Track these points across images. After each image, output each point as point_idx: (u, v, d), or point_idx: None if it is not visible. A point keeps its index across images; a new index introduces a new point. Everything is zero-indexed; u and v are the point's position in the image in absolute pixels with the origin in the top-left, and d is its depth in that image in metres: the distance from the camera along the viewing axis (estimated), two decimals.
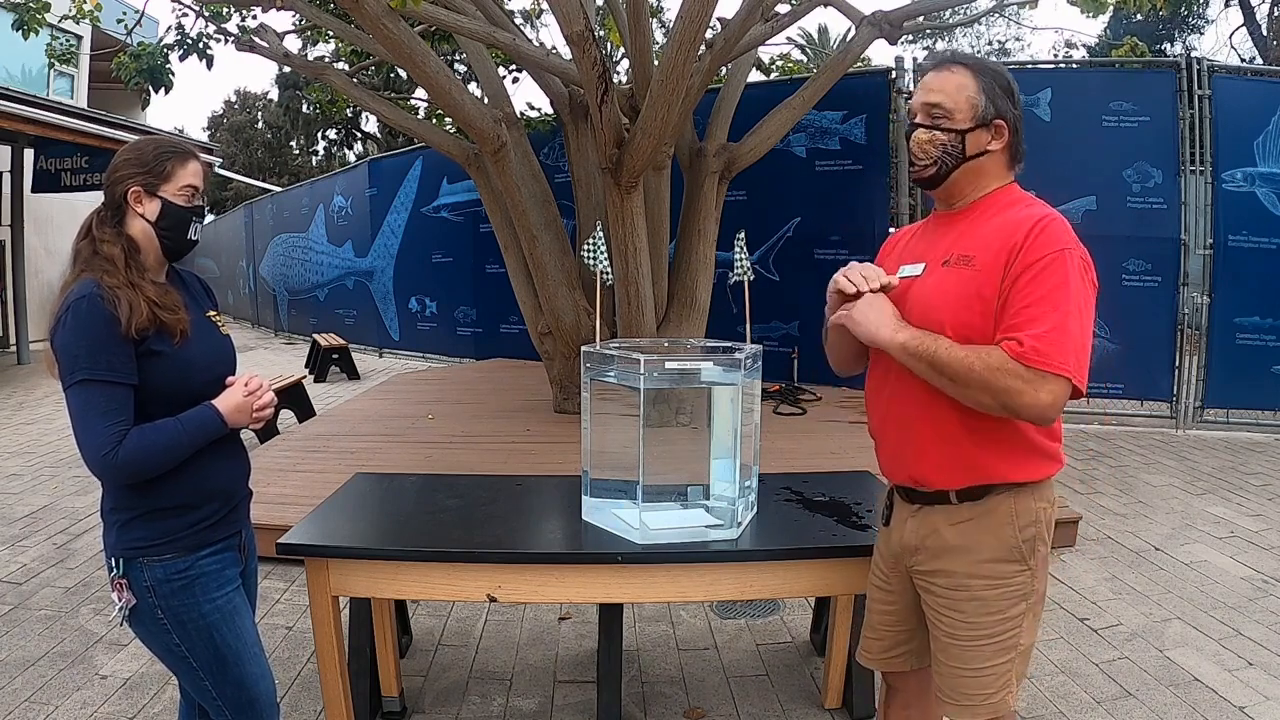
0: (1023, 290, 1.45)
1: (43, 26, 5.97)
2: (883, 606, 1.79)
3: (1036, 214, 1.52)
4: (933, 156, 1.60)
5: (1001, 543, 1.56)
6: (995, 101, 1.57)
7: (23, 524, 4.49)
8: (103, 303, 1.52)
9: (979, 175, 1.61)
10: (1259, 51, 17.12)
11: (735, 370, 2.14)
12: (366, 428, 5.96)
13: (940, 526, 1.60)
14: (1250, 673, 2.82)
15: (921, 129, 1.60)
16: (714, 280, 6.00)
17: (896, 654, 1.78)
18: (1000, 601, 1.56)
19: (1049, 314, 1.42)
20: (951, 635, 1.60)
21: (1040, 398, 1.41)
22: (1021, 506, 1.56)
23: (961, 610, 1.58)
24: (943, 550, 1.60)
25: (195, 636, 1.65)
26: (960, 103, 1.57)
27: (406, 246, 11.01)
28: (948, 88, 1.58)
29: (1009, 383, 1.42)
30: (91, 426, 1.51)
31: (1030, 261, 1.46)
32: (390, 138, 25.08)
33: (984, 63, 1.62)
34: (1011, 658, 1.57)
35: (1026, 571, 1.56)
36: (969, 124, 1.57)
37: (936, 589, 1.62)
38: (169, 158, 1.66)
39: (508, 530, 2.31)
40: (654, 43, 6.15)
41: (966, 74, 1.58)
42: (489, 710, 2.67)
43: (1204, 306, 6.46)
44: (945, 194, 1.65)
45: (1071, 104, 6.55)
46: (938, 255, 1.60)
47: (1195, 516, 4.45)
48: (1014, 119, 1.59)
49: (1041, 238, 1.47)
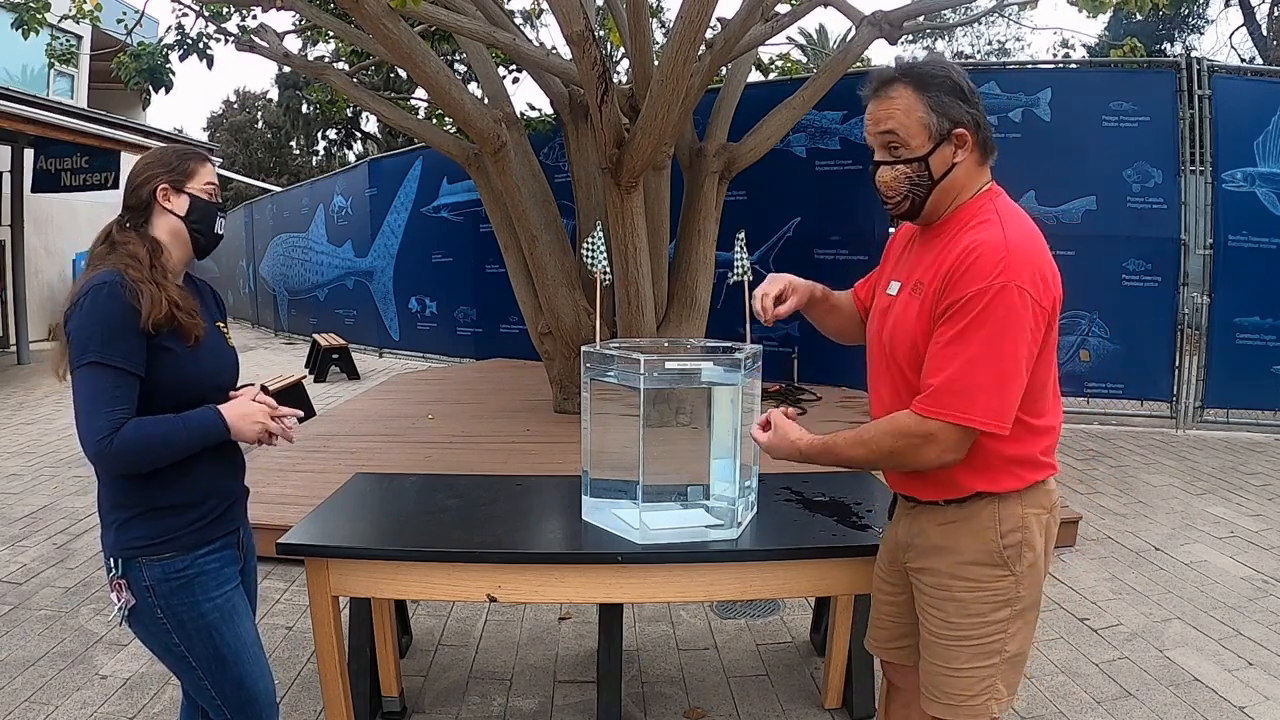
0: (939, 330, 1.47)
1: (43, 26, 5.97)
2: (886, 599, 1.80)
3: (974, 241, 1.46)
4: (902, 192, 1.55)
5: (982, 546, 1.55)
6: (948, 112, 1.49)
7: (23, 524, 4.49)
8: (123, 291, 1.54)
9: (953, 191, 1.55)
10: (1259, 51, 17.13)
11: (735, 370, 2.14)
12: (366, 428, 5.96)
13: (928, 526, 1.62)
14: (1250, 673, 2.82)
15: (884, 167, 1.55)
16: (714, 280, 6.00)
17: (900, 645, 1.79)
18: (979, 605, 1.55)
19: (952, 359, 1.44)
20: (933, 633, 1.61)
21: (926, 453, 1.48)
22: (1006, 512, 1.54)
23: (942, 610, 1.58)
24: (929, 549, 1.61)
25: (195, 636, 1.65)
26: (912, 127, 1.50)
27: (406, 246, 11.01)
28: (895, 114, 1.51)
29: (895, 444, 1.51)
30: (93, 410, 1.52)
31: (952, 300, 1.45)
32: (390, 138, 25.09)
33: (925, 71, 1.51)
34: (995, 663, 1.56)
35: (1009, 577, 1.54)
36: (928, 146, 1.51)
37: (923, 586, 1.63)
38: (190, 158, 1.75)
39: (508, 530, 2.31)
40: (654, 43, 6.15)
41: (909, 92, 1.50)
42: (489, 710, 2.67)
43: (1204, 306, 6.46)
44: (925, 218, 1.60)
45: (1071, 104, 6.55)
46: (915, 277, 1.59)
47: (1195, 516, 4.45)
48: (973, 119, 1.51)
49: (966, 275, 1.44)
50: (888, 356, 1.61)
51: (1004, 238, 1.46)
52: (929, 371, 1.48)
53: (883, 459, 1.54)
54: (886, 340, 1.61)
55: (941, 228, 1.58)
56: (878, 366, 1.68)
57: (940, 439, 1.46)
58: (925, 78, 1.51)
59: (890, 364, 1.61)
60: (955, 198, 1.56)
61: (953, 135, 1.51)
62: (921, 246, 1.63)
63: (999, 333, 1.41)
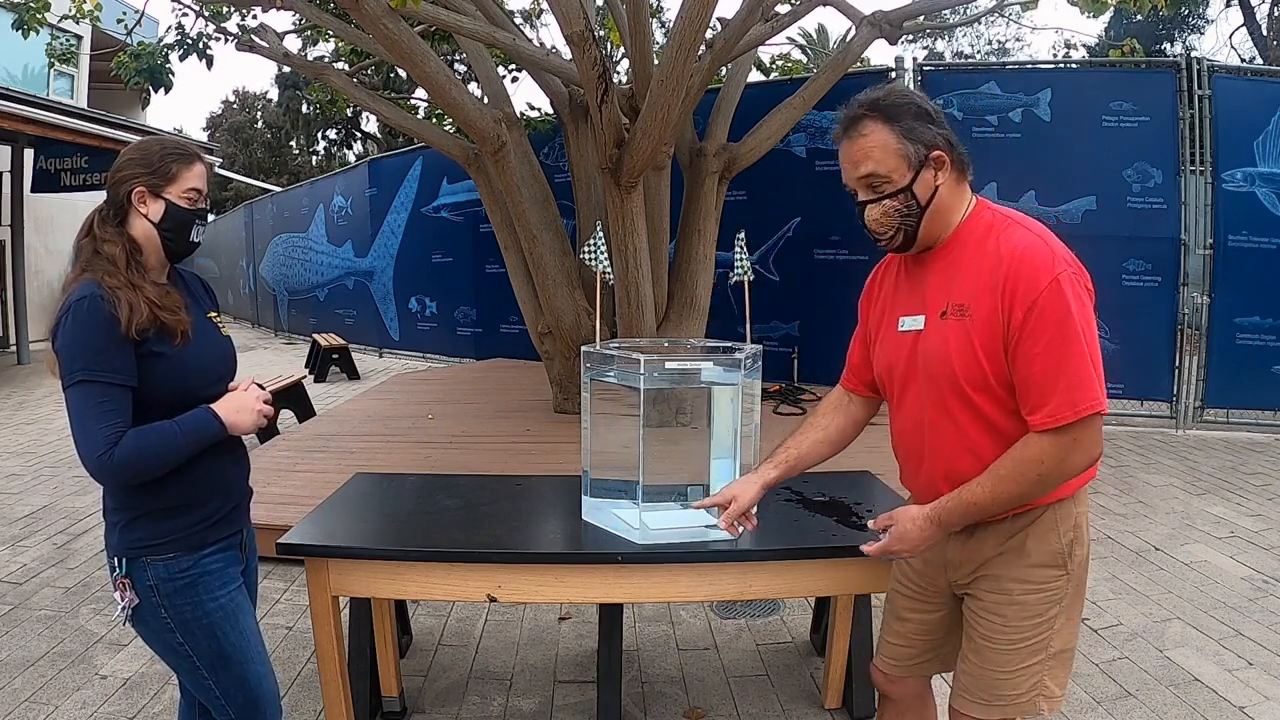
0: (1025, 343, 1.44)
1: (43, 26, 5.97)
2: (917, 617, 1.75)
3: (1012, 244, 1.47)
4: (894, 226, 1.54)
5: (1047, 548, 1.55)
6: (920, 137, 1.50)
7: (23, 524, 4.49)
8: (103, 303, 1.52)
9: (943, 214, 1.55)
10: (1259, 51, 17.14)
11: (735, 370, 2.14)
12: (366, 428, 5.96)
13: (987, 541, 1.60)
14: (1250, 673, 2.82)
15: (871, 205, 1.54)
16: (714, 280, 6.00)
17: (926, 659, 1.77)
18: (1038, 605, 1.55)
19: (1059, 362, 1.42)
20: (987, 638, 1.58)
21: (1076, 458, 1.45)
22: (1063, 513, 1.56)
23: (1002, 614, 1.57)
24: (989, 560, 1.59)
25: (199, 635, 1.65)
26: (890, 161, 1.50)
27: (406, 246, 11.00)
28: (873, 153, 1.51)
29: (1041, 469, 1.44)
30: (89, 427, 1.51)
31: (1025, 308, 1.43)
32: (390, 138, 25.09)
33: (890, 102, 1.52)
34: (1041, 659, 1.56)
35: (1064, 576, 1.56)
36: (909, 176, 1.50)
37: (980, 594, 1.60)
38: (174, 160, 1.66)
39: (508, 530, 2.31)
40: (654, 43, 6.15)
41: (880, 127, 1.50)
42: (489, 710, 2.67)
43: (1204, 306, 6.46)
44: (920, 245, 1.59)
45: (1071, 104, 6.54)
46: (933, 306, 1.56)
47: (1195, 516, 4.45)
48: (945, 139, 1.52)
49: (1025, 280, 1.43)
50: (929, 387, 1.57)
51: (1034, 236, 1.48)
52: (1039, 382, 1.44)
53: (1034, 487, 1.47)
54: (923, 372, 1.57)
55: (949, 249, 1.57)
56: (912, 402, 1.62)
57: (1083, 439, 1.44)
58: (891, 108, 1.51)
59: (934, 393, 1.56)
60: (947, 219, 1.56)
61: (930, 159, 1.51)
62: (927, 273, 1.60)
63: (1077, 320, 1.43)
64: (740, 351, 2.15)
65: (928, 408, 1.58)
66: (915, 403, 1.61)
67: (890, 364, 1.67)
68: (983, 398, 1.51)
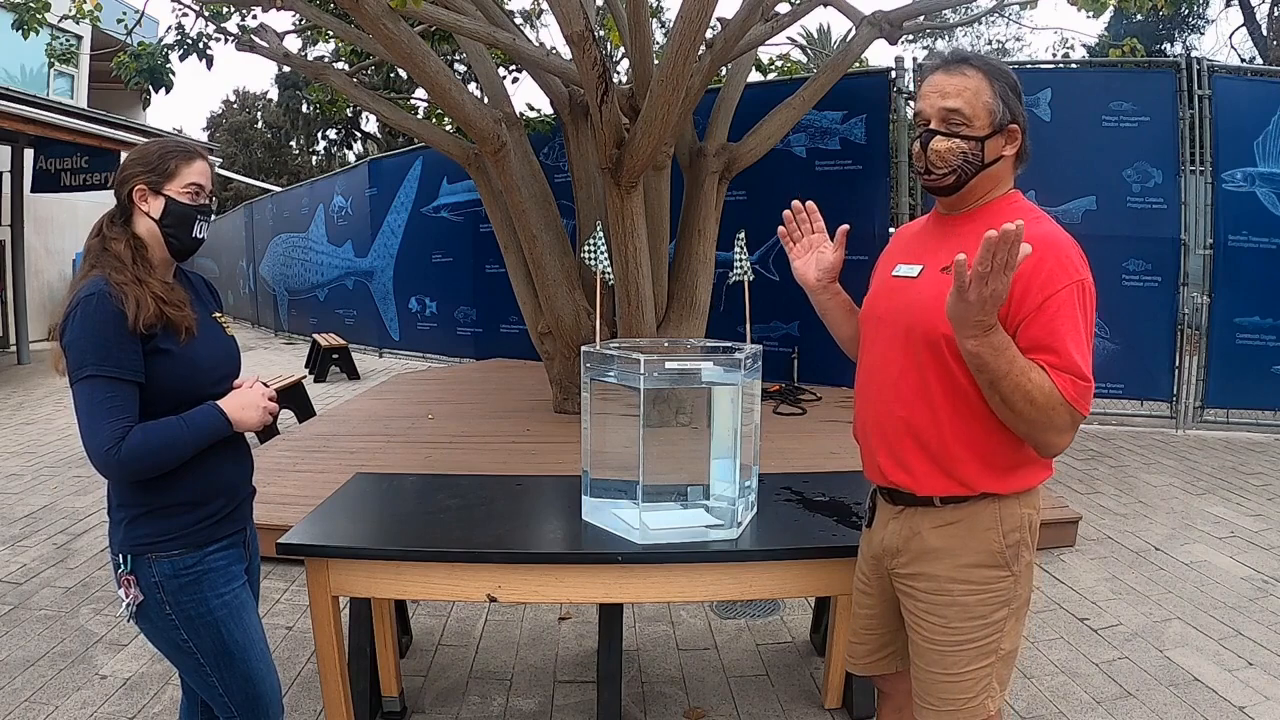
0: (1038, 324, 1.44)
1: (43, 26, 5.97)
2: (865, 610, 1.78)
3: (1044, 233, 1.48)
4: (952, 165, 1.54)
5: (985, 547, 1.54)
6: (1010, 105, 1.53)
7: (23, 524, 4.49)
8: (110, 299, 1.54)
9: (992, 181, 1.57)
10: (1259, 51, 17.13)
11: (735, 370, 2.14)
12: (366, 428, 5.96)
13: (923, 529, 1.59)
14: (1250, 673, 2.82)
15: (940, 136, 1.54)
16: (714, 280, 6.00)
17: (882, 656, 1.78)
18: (981, 607, 1.55)
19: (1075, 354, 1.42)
20: (930, 640, 1.58)
21: (1064, 440, 1.47)
22: (1007, 512, 1.55)
23: (942, 615, 1.57)
24: (924, 553, 1.59)
25: (203, 632, 1.66)
26: (978, 109, 1.52)
27: (406, 246, 11.00)
28: (965, 93, 1.52)
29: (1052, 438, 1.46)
30: (96, 423, 1.52)
31: (1045, 296, 1.43)
32: (390, 138, 25.09)
33: (994, 64, 1.57)
34: (991, 662, 1.56)
35: (1010, 577, 1.55)
36: (987, 130, 1.53)
37: (917, 593, 1.60)
38: (173, 156, 1.69)
39: (508, 530, 2.31)
40: (654, 43, 6.15)
41: (981, 78, 1.53)
42: (489, 710, 2.67)
43: (1204, 306, 6.46)
44: (957, 200, 1.60)
45: (1071, 104, 6.54)
46: (939, 260, 1.56)
47: (1195, 516, 4.45)
48: (1024, 121, 1.56)
49: (1051, 264, 1.45)
50: (905, 334, 1.57)
51: (1067, 236, 1.50)
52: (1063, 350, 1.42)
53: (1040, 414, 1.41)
54: (904, 318, 1.58)
55: (977, 216, 1.58)
56: (884, 345, 1.62)
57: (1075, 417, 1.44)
58: (997, 69, 1.56)
59: (908, 341, 1.56)
60: (990, 189, 1.59)
61: (1008, 129, 1.54)
62: (946, 229, 1.62)
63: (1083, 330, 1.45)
64: (740, 351, 2.15)
65: (896, 351, 1.59)
66: (886, 344, 1.62)
67: (873, 303, 1.71)
68: (953, 351, 1.50)
